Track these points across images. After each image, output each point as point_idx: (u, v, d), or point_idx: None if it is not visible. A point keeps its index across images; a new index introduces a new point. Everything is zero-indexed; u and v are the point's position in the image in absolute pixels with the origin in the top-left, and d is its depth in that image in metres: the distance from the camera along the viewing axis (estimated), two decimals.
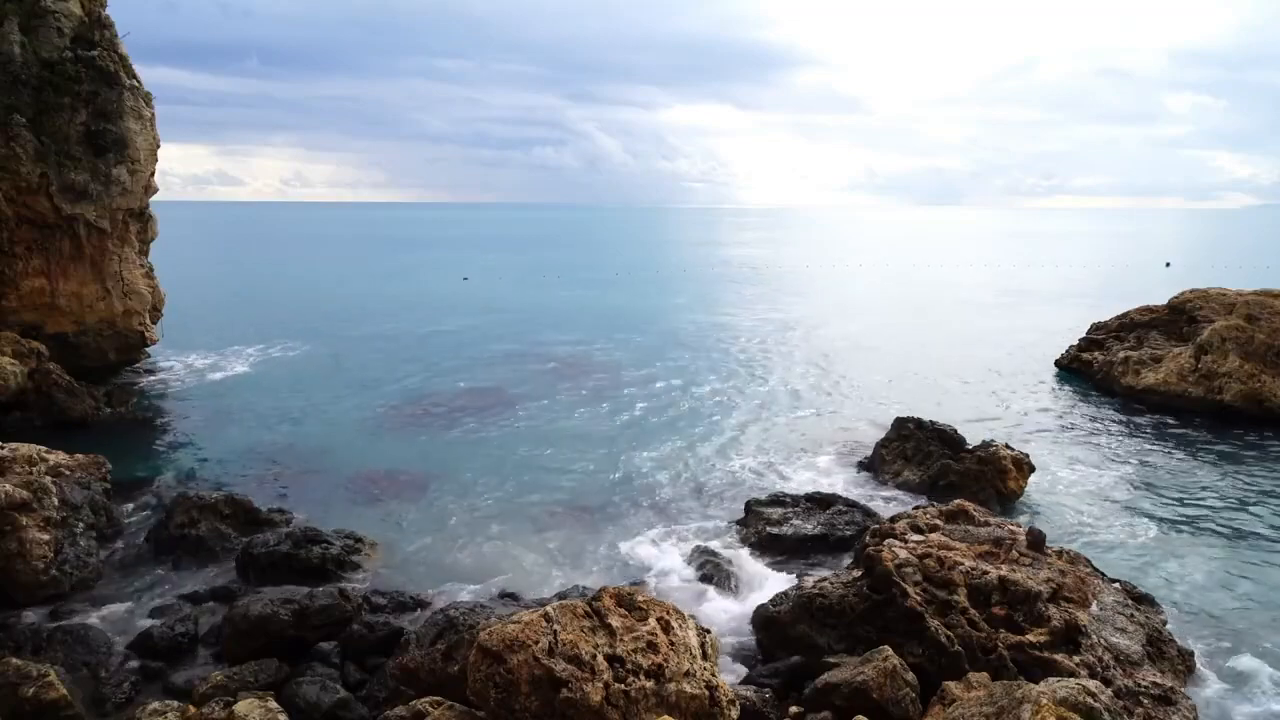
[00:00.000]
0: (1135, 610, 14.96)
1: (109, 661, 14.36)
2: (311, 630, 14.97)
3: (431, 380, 36.86)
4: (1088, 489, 23.55)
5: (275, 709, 11.73)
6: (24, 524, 16.81)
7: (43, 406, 28.48)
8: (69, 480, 19.16)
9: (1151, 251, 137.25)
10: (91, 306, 33.47)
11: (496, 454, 26.45)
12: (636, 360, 41.36)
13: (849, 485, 23.86)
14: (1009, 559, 15.19)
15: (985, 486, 22.17)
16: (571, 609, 11.38)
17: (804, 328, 52.54)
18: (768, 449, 27.28)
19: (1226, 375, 30.75)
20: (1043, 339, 45.97)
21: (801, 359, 42.10)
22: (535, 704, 10.33)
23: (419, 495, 22.87)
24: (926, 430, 24.35)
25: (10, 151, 29.93)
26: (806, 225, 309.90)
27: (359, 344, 45.36)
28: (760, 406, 32.62)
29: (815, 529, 19.64)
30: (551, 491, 23.18)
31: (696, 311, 60.11)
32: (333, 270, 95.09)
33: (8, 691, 12.31)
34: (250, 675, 13.67)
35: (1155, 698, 12.58)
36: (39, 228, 31.79)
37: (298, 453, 26.46)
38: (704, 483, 24.16)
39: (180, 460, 25.84)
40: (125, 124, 32.49)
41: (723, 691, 11.29)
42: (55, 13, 31.45)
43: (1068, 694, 10.04)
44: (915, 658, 13.28)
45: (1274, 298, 32.77)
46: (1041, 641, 13.20)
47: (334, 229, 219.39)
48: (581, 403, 33.05)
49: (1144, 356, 34.51)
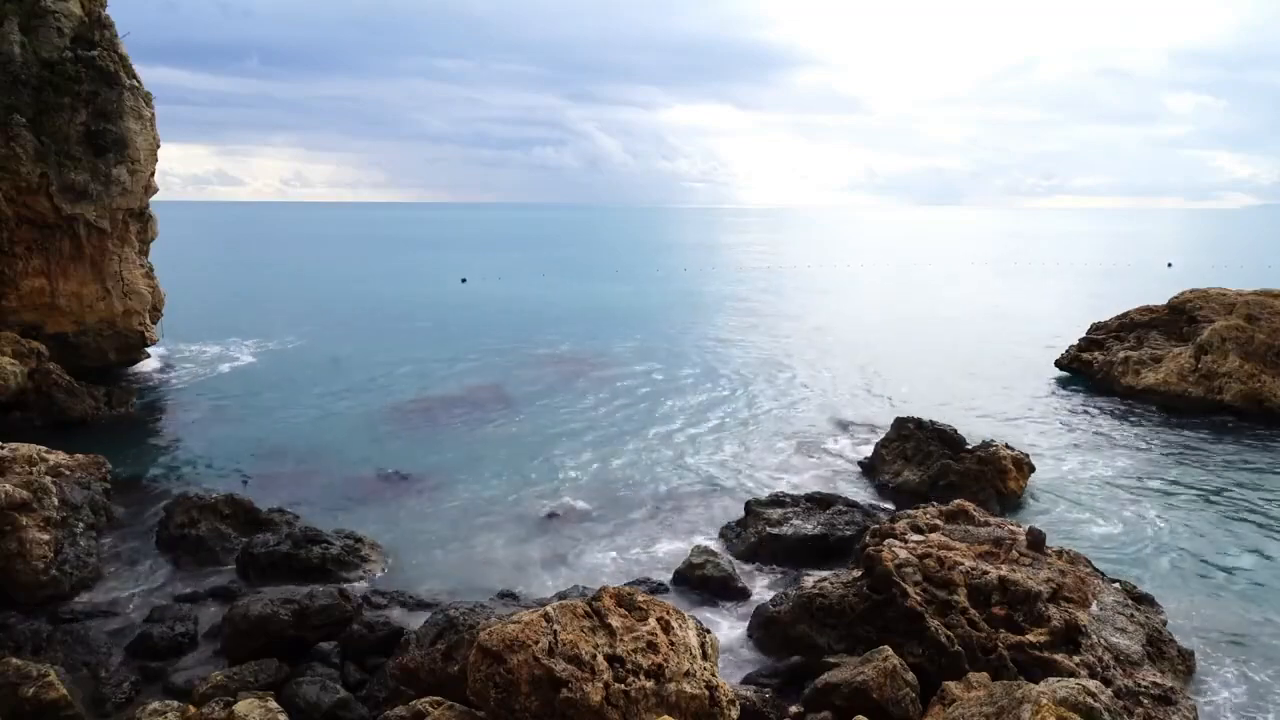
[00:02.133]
0: (1135, 610, 14.96)
1: (109, 661, 14.36)
2: (311, 630, 14.96)
3: (431, 381, 36.86)
4: (1088, 489, 23.55)
5: (275, 709, 11.72)
6: (24, 524, 16.80)
7: (43, 406, 28.48)
8: (69, 480, 19.17)
9: (1151, 251, 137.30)
10: (91, 306, 33.47)
11: (496, 454, 26.45)
12: (636, 360, 41.36)
13: (849, 485, 23.87)
14: (1009, 559, 15.19)
15: (985, 486, 22.17)
16: (571, 609, 11.38)
17: (804, 328, 52.55)
18: (767, 449, 27.28)
19: (1226, 375, 30.75)
20: (1043, 339, 45.99)
21: (802, 359, 42.10)
22: (535, 704, 10.33)
23: (419, 495, 22.87)
24: (926, 430, 24.35)
25: (10, 151, 29.94)
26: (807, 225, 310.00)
27: (359, 344, 45.37)
28: (760, 406, 32.63)
29: (815, 529, 19.64)
30: (551, 491, 23.18)
31: (696, 312, 60.13)
32: (332, 271, 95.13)
33: (8, 691, 12.31)
34: (250, 675, 13.67)
35: (1155, 698, 12.58)
36: (39, 228, 31.80)
37: (298, 453, 26.47)
38: (704, 483, 24.17)
39: (180, 460, 25.84)
40: (125, 124, 32.50)
41: (723, 691, 11.29)
42: (55, 13, 31.46)
43: (1068, 694, 10.04)
44: (915, 658, 13.28)
45: (1274, 298, 32.78)
46: (1041, 641, 13.20)
47: (334, 229, 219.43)
48: (581, 402, 33.05)
49: (1144, 356, 34.52)
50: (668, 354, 43.20)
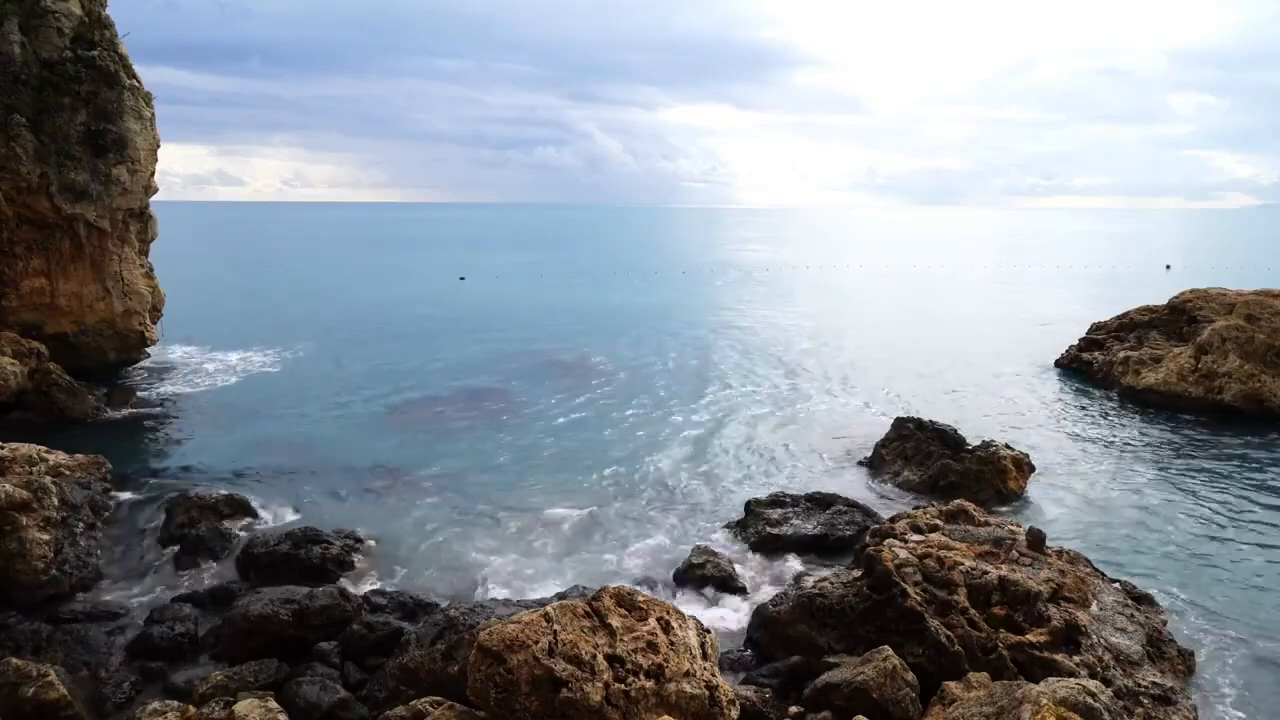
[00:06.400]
0: (1135, 610, 14.96)
1: (109, 661, 14.37)
2: (311, 630, 14.97)
3: (431, 380, 36.85)
4: (1088, 489, 23.55)
5: (275, 709, 11.73)
6: (24, 524, 16.80)
7: (43, 406, 28.50)
8: (69, 480, 19.18)
9: (1151, 252, 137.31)
10: (91, 306, 33.46)
11: (496, 454, 26.45)
12: (636, 360, 41.35)
13: (849, 485, 23.85)
14: (1009, 559, 15.20)
15: (985, 486, 22.19)
16: (571, 609, 11.38)
17: (804, 328, 52.53)
18: (768, 449, 27.27)
19: (1226, 375, 30.75)
20: (1042, 339, 45.98)
21: (801, 359, 42.09)
22: (535, 704, 10.32)
23: (419, 495, 22.86)
24: (926, 430, 24.35)
25: (10, 151, 29.93)
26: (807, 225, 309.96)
27: (358, 344, 45.36)
28: (760, 406, 32.61)
29: (815, 529, 19.65)
30: (552, 491, 23.17)
31: (696, 311, 60.10)
32: (332, 270, 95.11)
33: (8, 691, 12.31)
34: (250, 675, 13.68)
35: (1155, 698, 12.58)
36: (39, 228, 31.80)
37: (298, 453, 26.45)
38: (704, 483, 24.17)
39: (180, 460, 25.82)
40: (125, 124, 32.48)
41: (723, 691, 11.28)
42: (55, 13, 31.44)
43: (1068, 694, 10.04)
44: (915, 658, 13.27)
45: (1274, 298, 32.78)
46: (1041, 641, 13.20)
47: (334, 229, 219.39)
48: (581, 402, 33.04)
49: (1144, 356, 34.52)
50: (667, 353, 43.19)
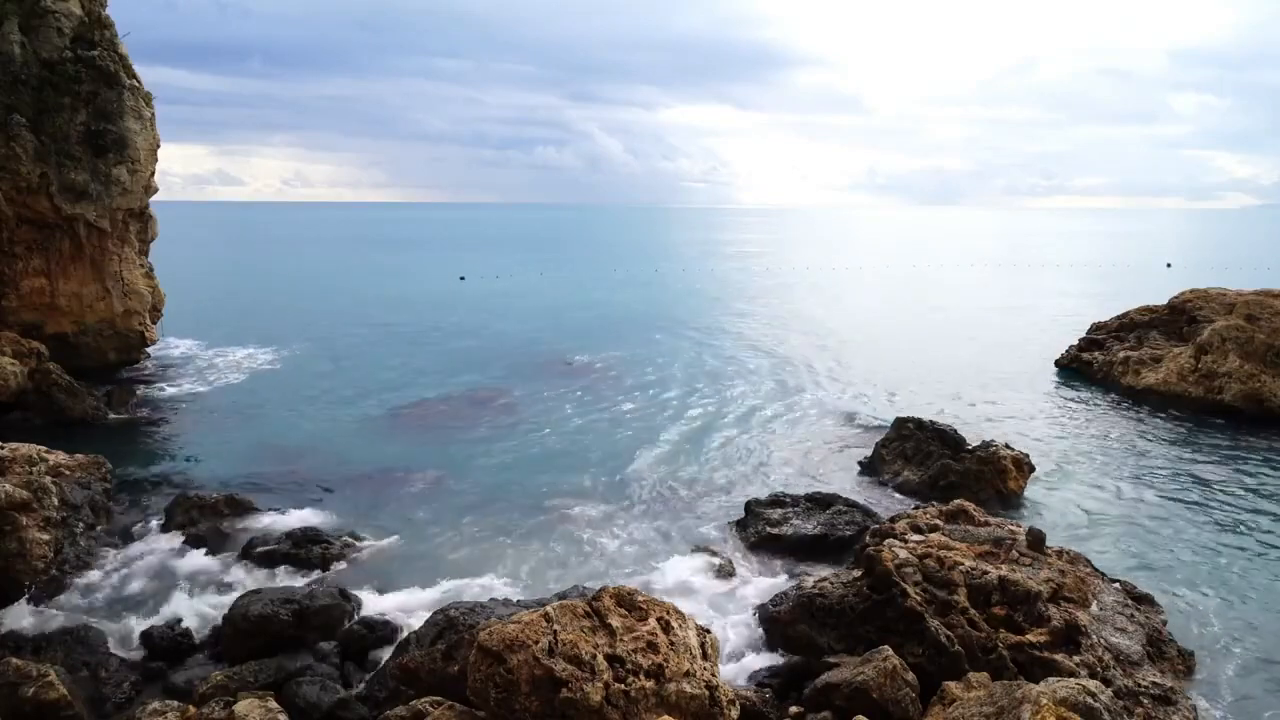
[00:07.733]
0: (1135, 610, 14.96)
1: (109, 661, 14.36)
2: (311, 630, 14.97)
3: (430, 380, 36.85)
4: (1088, 489, 23.54)
5: (275, 709, 11.73)
6: (24, 524, 16.78)
7: (43, 406, 28.49)
8: (69, 480, 19.16)
9: (1151, 251, 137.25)
10: (91, 306, 33.47)
11: (496, 453, 26.46)
12: (636, 360, 41.35)
13: (849, 485, 23.86)
14: (1009, 559, 15.20)
15: (985, 486, 22.18)
16: (571, 609, 11.38)
17: (804, 328, 52.54)
18: (768, 449, 27.27)
19: (1226, 375, 30.74)
20: (1042, 339, 45.99)
21: (801, 359, 42.08)
22: (535, 704, 10.33)
23: (419, 495, 22.86)
24: (926, 430, 24.35)
25: (10, 151, 29.93)
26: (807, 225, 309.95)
27: (358, 344, 45.37)
28: (760, 406, 32.60)
29: (815, 529, 19.64)
30: (552, 491, 23.16)
31: (696, 311, 60.09)
32: (332, 270, 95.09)
33: (8, 691, 12.30)
34: (250, 675, 13.67)
35: (1155, 698, 12.58)
36: (39, 228, 31.81)
37: (298, 453, 26.46)
38: (704, 483, 24.16)
39: (180, 460, 25.84)
40: (125, 124, 32.49)
41: (723, 691, 11.29)
42: (55, 13, 31.45)
43: (1068, 694, 10.04)
44: (915, 658, 13.27)
45: (1274, 298, 32.76)
46: (1041, 641, 13.20)
47: (334, 229, 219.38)
48: (581, 402, 33.05)
49: (1144, 356, 34.53)
50: (666, 353, 43.18)
